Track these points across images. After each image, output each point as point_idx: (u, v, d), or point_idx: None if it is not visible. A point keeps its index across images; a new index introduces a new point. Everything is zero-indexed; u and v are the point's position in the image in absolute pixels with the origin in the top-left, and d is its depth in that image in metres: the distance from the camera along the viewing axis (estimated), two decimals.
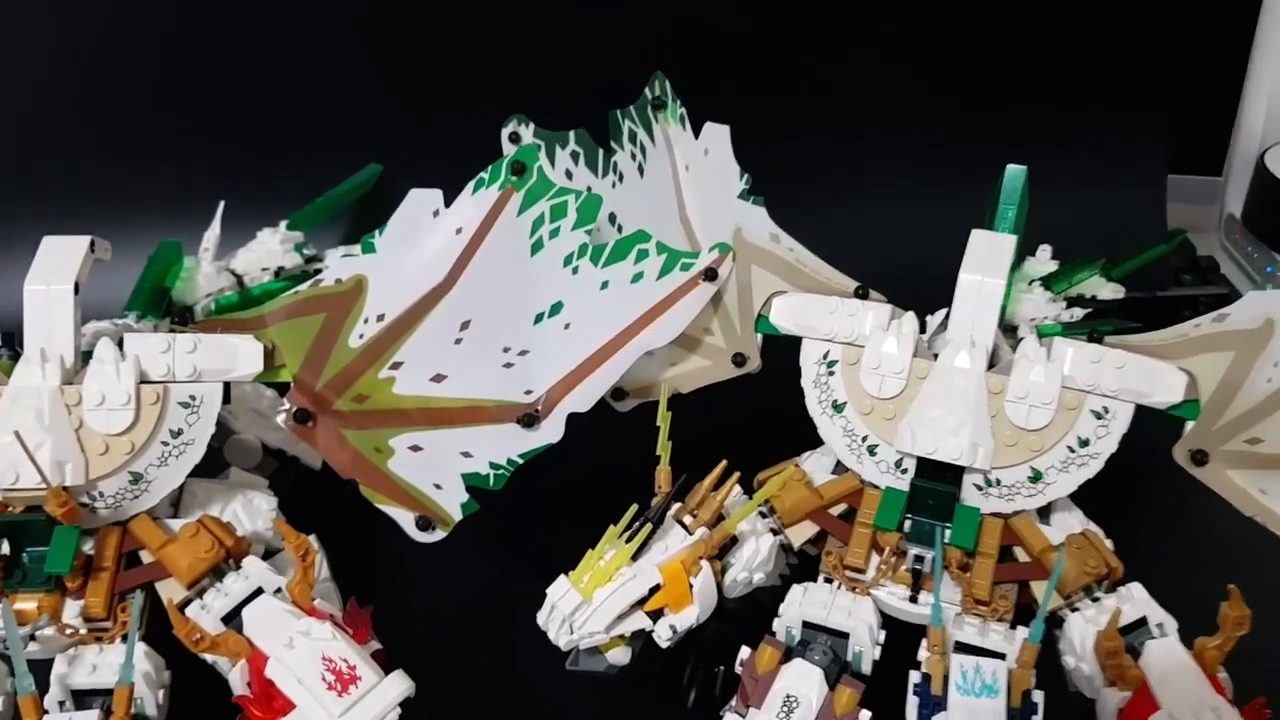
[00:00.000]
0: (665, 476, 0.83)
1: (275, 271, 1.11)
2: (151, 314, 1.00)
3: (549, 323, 0.88)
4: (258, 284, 1.11)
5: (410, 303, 0.86)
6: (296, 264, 1.12)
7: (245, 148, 1.35)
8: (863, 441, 0.84)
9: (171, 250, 1.04)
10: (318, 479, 1.02)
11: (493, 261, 0.88)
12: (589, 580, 0.78)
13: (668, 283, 0.89)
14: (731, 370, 0.91)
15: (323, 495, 0.98)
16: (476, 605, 0.98)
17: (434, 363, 0.86)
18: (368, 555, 0.94)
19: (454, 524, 0.84)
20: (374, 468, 0.83)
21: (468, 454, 0.85)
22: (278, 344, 0.83)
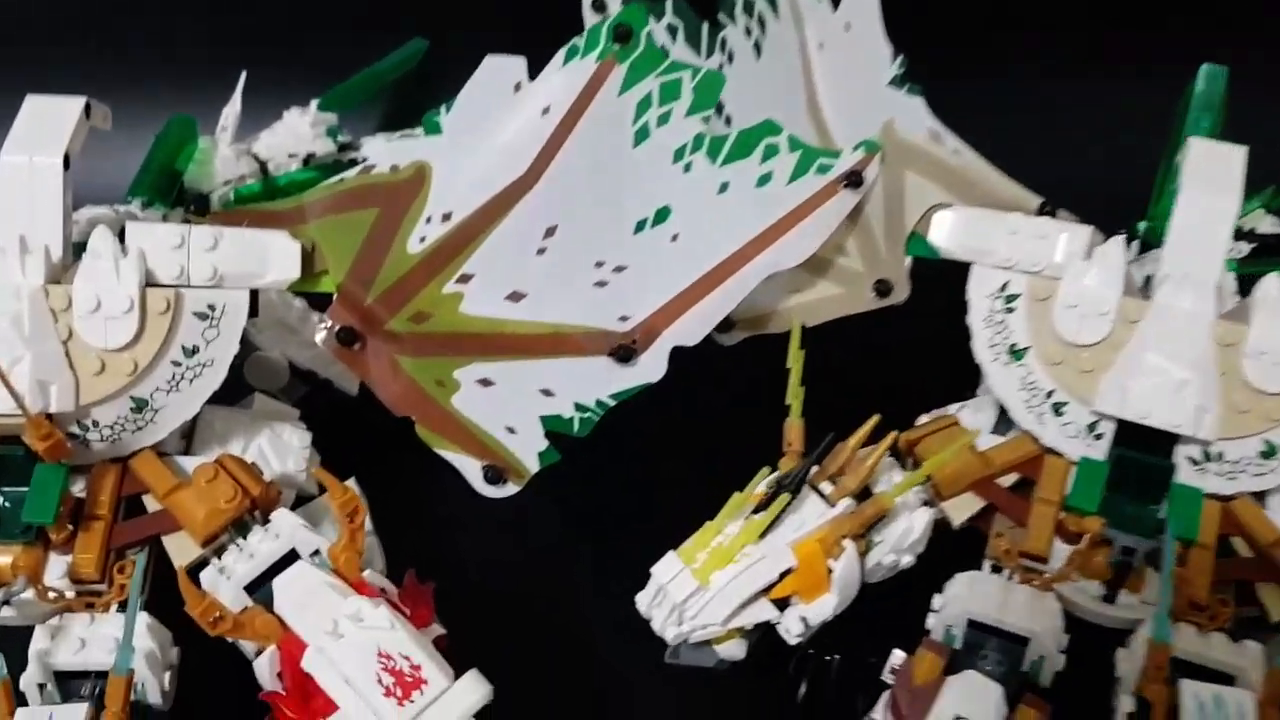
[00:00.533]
0: (797, 432, 0.67)
1: (304, 159, 0.95)
2: (160, 202, 0.83)
3: (652, 232, 0.71)
4: (283, 172, 0.95)
5: (483, 200, 0.68)
6: (328, 151, 0.96)
7: (273, 12, 1.15)
8: (1047, 397, 0.67)
9: (184, 127, 0.87)
10: (353, 406, 0.85)
11: (586, 152, 0.70)
12: (706, 560, 0.61)
13: (801, 188, 0.72)
14: (871, 301, 0.74)
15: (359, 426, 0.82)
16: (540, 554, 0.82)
17: (511, 277, 0.68)
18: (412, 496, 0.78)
19: (529, 477, 0.68)
20: (434, 404, 0.67)
21: (548, 392, 0.68)
22: (319, 244, 0.66)
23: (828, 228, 0.72)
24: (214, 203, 0.92)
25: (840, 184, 0.72)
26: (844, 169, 0.72)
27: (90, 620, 0.60)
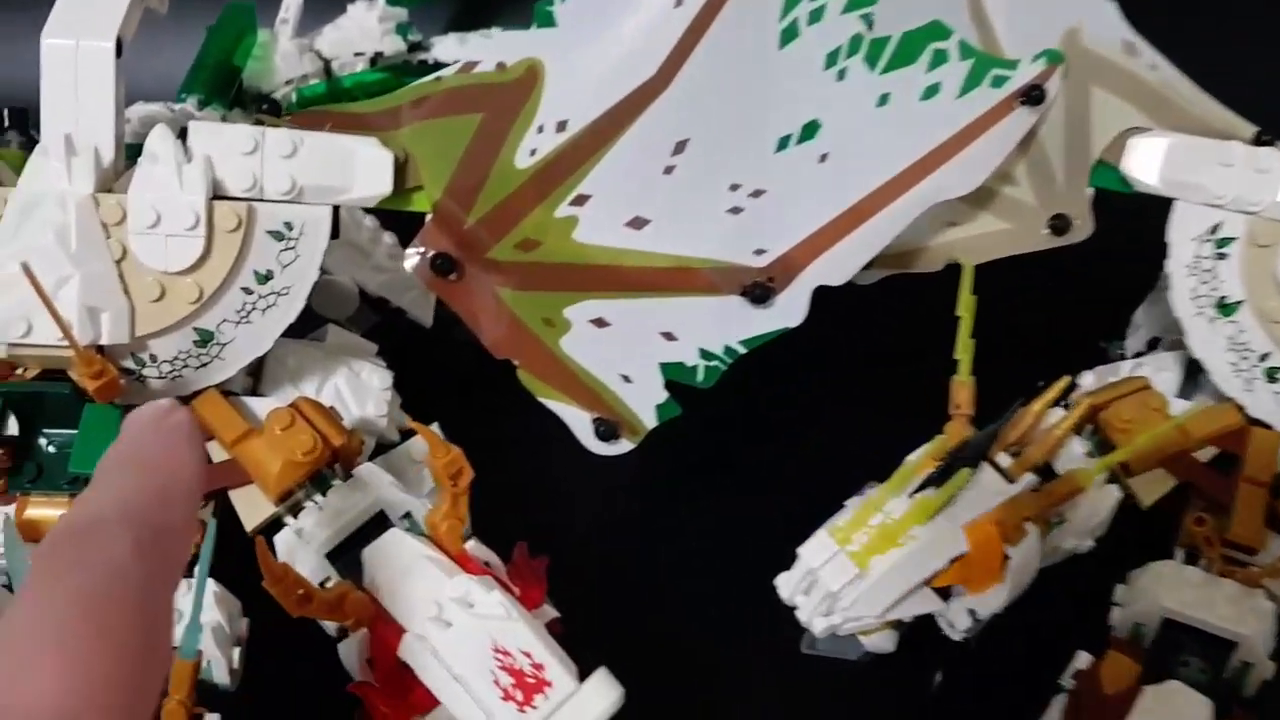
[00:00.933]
0: (967, 393, 0.57)
1: (371, 59, 0.85)
2: (217, 101, 0.73)
3: (797, 151, 0.60)
4: (349, 73, 0.85)
5: (605, 107, 0.58)
6: (397, 50, 0.86)
7: None
8: (1260, 360, 0.57)
9: (242, 17, 0.77)
10: (426, 338, 0.76)
11: (725, 52, 0.59)
12: (866, 542, 0.52)
13: (972, 103, 0.61)
14: (1043, 239, 0.64)
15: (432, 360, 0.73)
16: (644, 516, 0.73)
17: (633, 200, 0.58)
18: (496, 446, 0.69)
19: (645, 433, 0.59)
20: (541, 346, 0.57)
21: (670, 335, 0.59)
22: (412, 154, 0.56)
23: (1001, 151, 0.61)
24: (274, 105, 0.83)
25: (1017, 100, 0.61)
26: (1022, 82, 0.61)
27: None
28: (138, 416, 0.32)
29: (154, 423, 0.32)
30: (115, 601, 0.27)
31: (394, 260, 0.75)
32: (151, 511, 0.30)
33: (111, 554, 0.28)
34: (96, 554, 0.28)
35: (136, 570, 0.28)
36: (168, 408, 0.33)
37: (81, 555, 0.28)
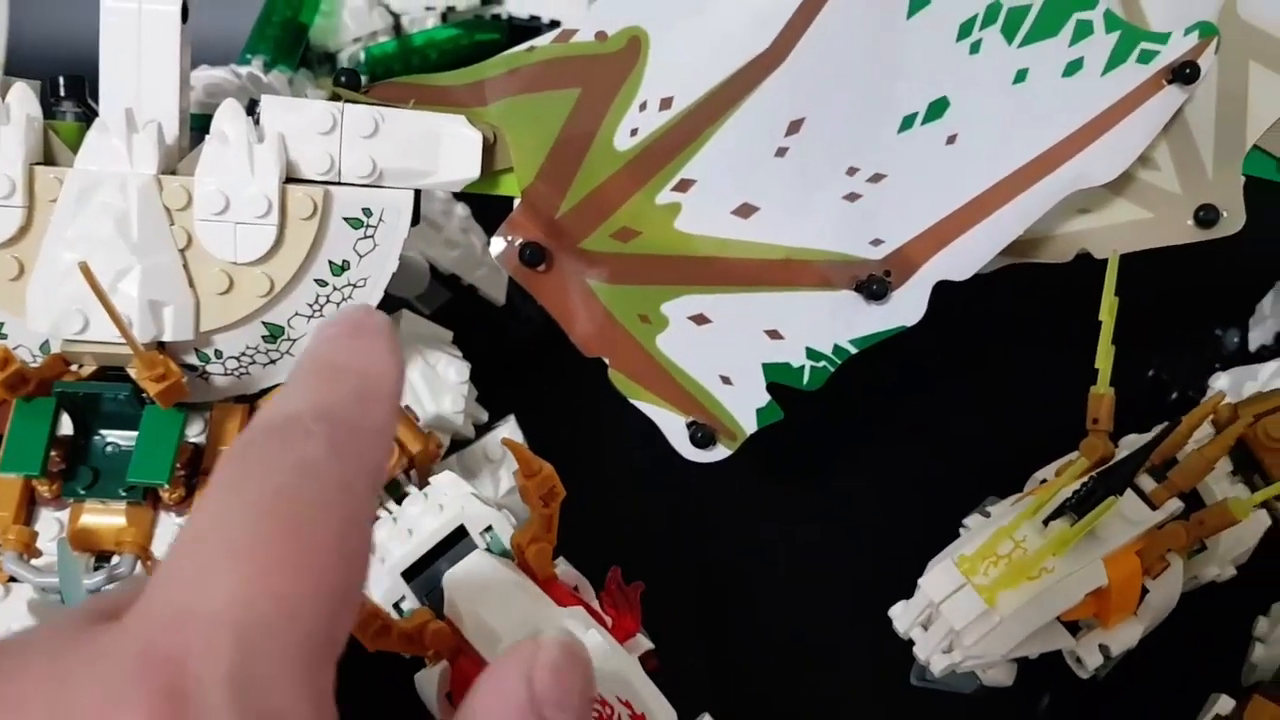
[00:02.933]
0: (1107, 407, 0.52)
1: (443, 13, 0.81)
2: (284, 62, 0.69)
3: (923, 131, 0.55)
4: (420, 29, 0.80)
5: (714, 82, 0.52)
6: (471, 5, 0.82)
7: None
8: None
9: None
10: (498, 318, 0.71)
11: (849, 21, 0.53)
12: (995, 576, 0.47)
13: (1118, 80, 0.55)
14: (1190, 231, 0.58)
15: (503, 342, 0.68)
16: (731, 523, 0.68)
17: (742, 185, 0.53)
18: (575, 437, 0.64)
19: (744, 439, 0.54)
20: (635, 344, 0.52)
21: (776, 334, 0.54)
22: (503, 133, 0.51)
23: (1148, 134, 0.55)
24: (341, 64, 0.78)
25: (1166, 77, 0.55)
26: (1173, 58, 0.55)
27: None
28: (331, 322, 0.30)
29: (349, 327, 0.29)
30: (307, 501, 0.24)
31: (466, 234, 0.70)
32: (347, 409, 0.27)
33: (304, 451, 0.25)
34: (287, 451, 0.25)
35: (331, 469, 0.25)
36: (363, 311, 0.30)
37: (271, 452, 0.25)
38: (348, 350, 0.28)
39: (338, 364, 0.28)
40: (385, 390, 0.28)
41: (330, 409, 0.27)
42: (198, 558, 0.24)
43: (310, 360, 0.28)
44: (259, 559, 0.23)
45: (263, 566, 0.23)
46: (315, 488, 0.25)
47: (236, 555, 0.23)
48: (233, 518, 0.24)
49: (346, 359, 0.28)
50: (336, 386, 0.27)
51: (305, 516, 0.24)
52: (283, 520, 0.24)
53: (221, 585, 0.23)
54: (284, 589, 0.23)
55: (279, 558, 0.23)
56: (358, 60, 0.77)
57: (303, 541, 0.24)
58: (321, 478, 0.25)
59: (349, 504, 0.25)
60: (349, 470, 0.26)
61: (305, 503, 0.24)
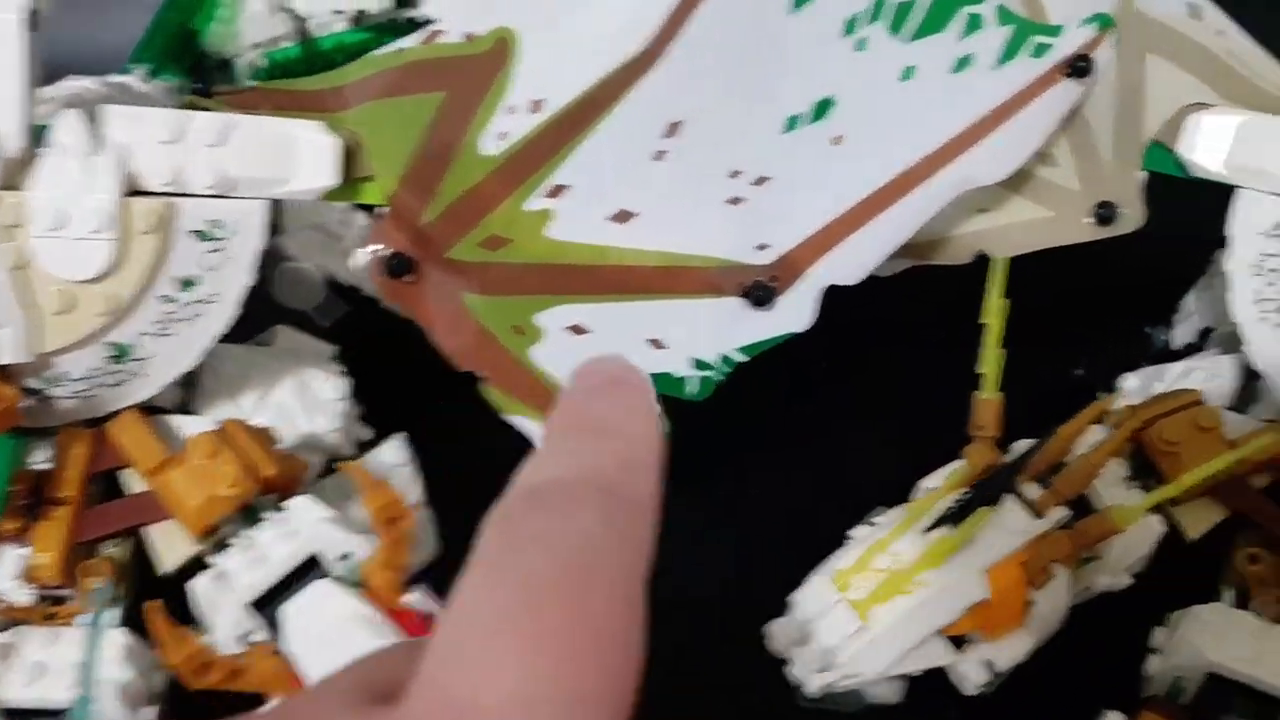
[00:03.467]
0: (992, 412, 0.50)
1: (354, 17, 0.78)
2: (169, 70, 0.66)
3: (809, 132, 0.53)
4: (328, 33, 0.78)
5: (587, 84, 0.50)
6: (384, 7, 0.79)
7: None
8: None
9: None
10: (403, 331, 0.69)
11: (727, 19, 0.52)
12: (870, 590, 0.46)
13: (1010, 75, 0.53)
14: (1086, 230, 0.56)
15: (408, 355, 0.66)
16: None
17: (618, 190, 0.51)
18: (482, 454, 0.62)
19: None
20: (509, 357, 0.51)
21: (658, 343, 0.52)
22: (364, 139, 0.49)
23: (1042, 132, 0.53)
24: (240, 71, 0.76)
25: (1062, 71, 0.53)
26: (1067, 51, 0.53)
27: (51, 637, 0.45)
28: (587, 373, 0.27)
29: (608, 382, 0.27)
30: (588, 576, 0.22)
31: None
32: (616, 477, 0.24)
33: (579, 522, 0.23)
34: (561, 521, 0.23)
35: (610, 544, 0.23)
36: (620, 364, 0.28)
37: (544, 524, 0.23)
38: (609, 407, 0.26)
39: (601, 424, 0.25)
40: (649, 459, 0.25)
41: (600, 475, 0.24)
42: (477, 642, 0.21)
43: (567, 417, 0.26)
44: (545, 648, 0.21)
45: (551, 657, 0.21)
46: (595, 562, 0.22)
47: (520, 642, 0.21)
48: (511, 598, 0.22)
49: (609, 418, 0.26)
50: (602, 449, 0.25)
51: (587, 593, 0.22)
52: (564, 598, 0.22)
53: (507, 677, 0.21)
54: (572, 684, 0.21)
55: (563, 639, 0.21)
56: (258, 67, 0.75)
57: (587, 621, 0.22)
58: (601, 554, 0.23)
59: (632, 585, 0.23)
60: (627, 546, 0.23)
61: (587, 577, 0.22)
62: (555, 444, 0.25)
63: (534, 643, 0.21)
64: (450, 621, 0.22)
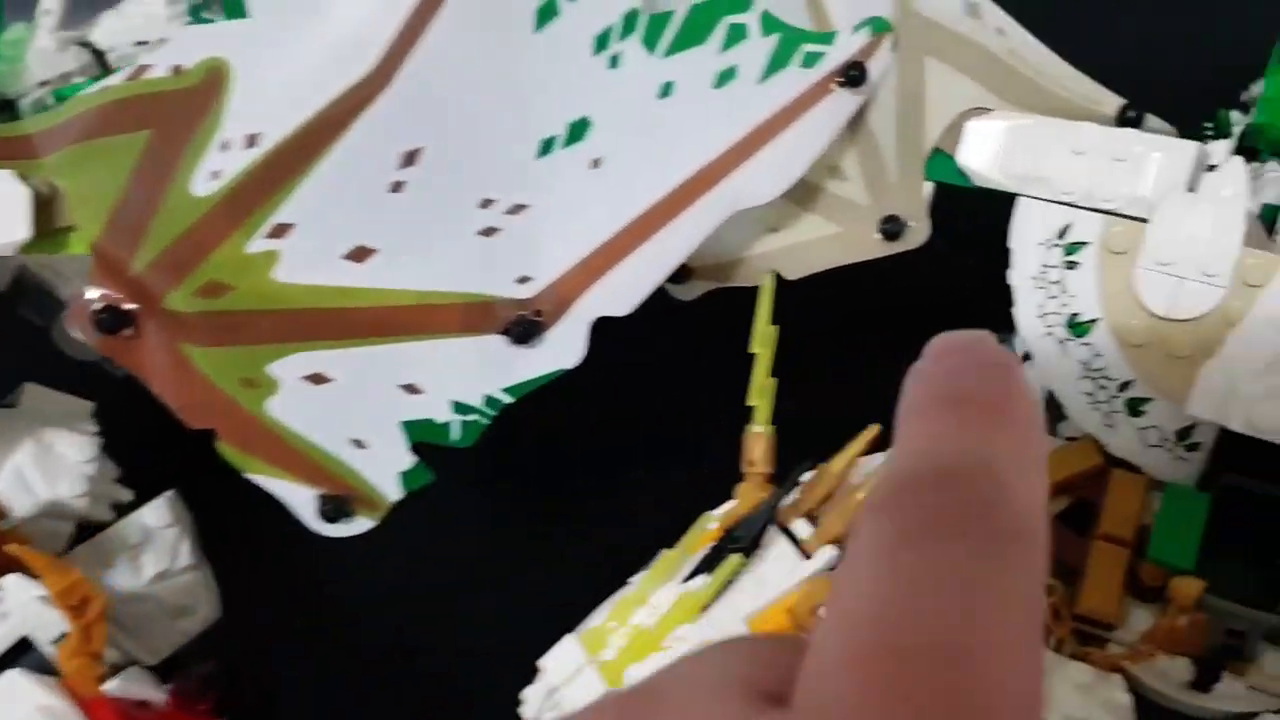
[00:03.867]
0: (763, 448, 0.47)
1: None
2: None
3: (565, 155, 0.50)
4: None
5: (307, 115, 0.47)
6: None
7: None
8: (1120, 390, 0.47)
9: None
10: None
11: (463, 38, 0.48)
12: (621, 649, 0.42)
13: (778, 87, 0.51)
14: (876, 245, 0.53)
15: None
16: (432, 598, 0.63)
17: (352, 226, 0.48)
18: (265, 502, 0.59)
19: (387, 507, 0.48)
20: (241, 412, 0.47)
21: (413, 388, 0.48)
22: (62, 187, 0.46)
23: (816, 146, 0.51)
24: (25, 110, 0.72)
25: (835, 80, 0.51)
26: (840, 59, 0.51)
27: None
28: (962, 344, 0.22)
29: (981, 354, 0.22)
30: (1002, 591, 0.19)
31: None
32: (1011, 482, 0.20)
33: (996, 523, 0.19)
34: (973, 522, 0.19)
35: (991, 579, 0.19)
36: (995, 343, 0.22)
37: (951, 518, 0.19)
38: (992, 385, 0.21)
39: (988, 402, 0.21)
40: (1043, 459, 0.21)
41: (1005, 471, 0.20)
42: (852, 673, 0.18)
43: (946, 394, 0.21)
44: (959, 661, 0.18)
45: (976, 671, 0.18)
46: (1010, 575, 0.19)
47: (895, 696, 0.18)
48: (906, 604, 0.18)
49: (995, 396, 0.21)
50: (1005, 439, 0.21)
51: (1005, 614, 0.19)
52: (969, 614, 0.18)
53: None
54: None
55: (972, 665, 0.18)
56: (44, 104, 0.71)
57: (1009, 649, 0.18)
58: (1010, 570, 0.19)
59: (1034, 638, 0.19)
60: (1031, 561, 0.19)
61: (1001, 594, 0.19)
62: (921, 424, 0.21)
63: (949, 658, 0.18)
64: (832, 629, 0.19)
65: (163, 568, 0.53)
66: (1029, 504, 0.20)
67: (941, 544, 0.19)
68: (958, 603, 0.18)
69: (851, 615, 0.19)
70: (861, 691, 0.18)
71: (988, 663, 0.18)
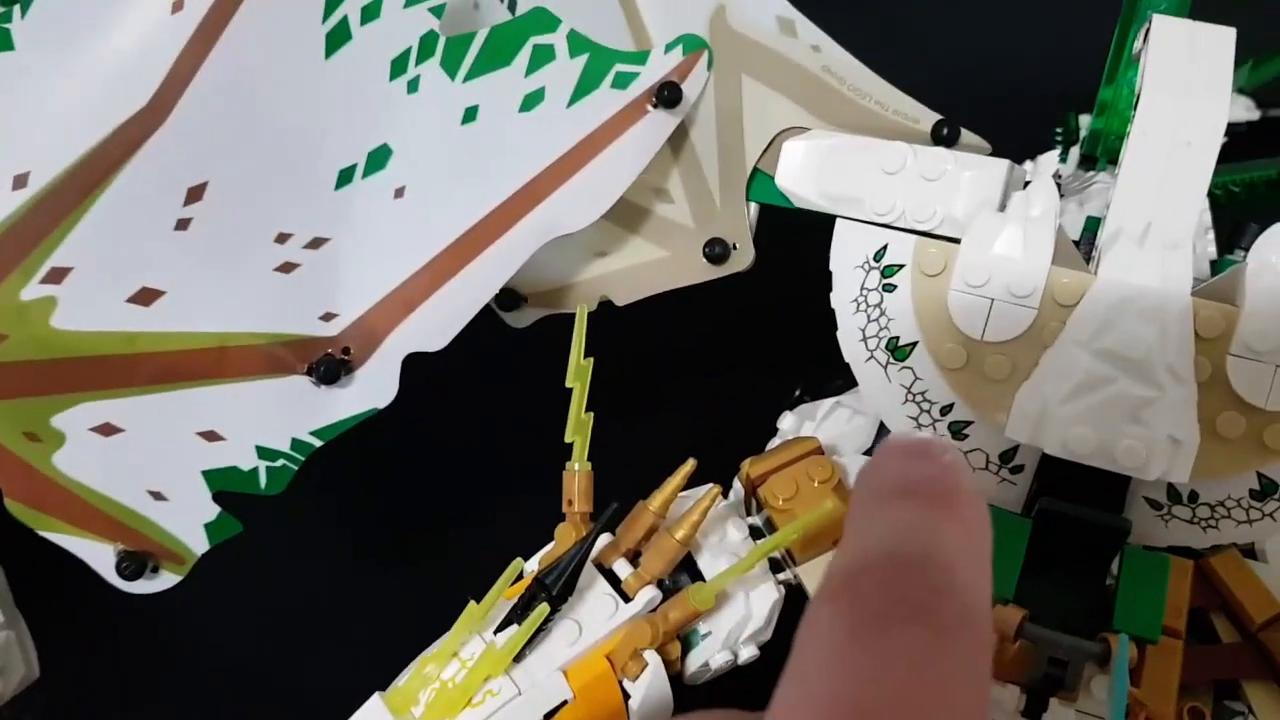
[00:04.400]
0: (583, 485, 0.45)
1: None
2: None
3: (366, 185, 0.48)
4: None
5: (81, 150, 0.44)
6: None
7: None
8: (942, 414, 0.46)
9: None
10: None
11: (248, 65, 0.46)
12: (429, 706, 0.40)
13: (589, 110, 0.49)
14: (703, 269, 0.52)
15: None
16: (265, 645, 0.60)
17: (134, 267, 0.45)
18: None
19: (194, 561, 0.46)
20: (26, 467, 0.44)
21: (214, 434, 0.46)
22: None
23: (631, 169, 0.49)
24: None
25: (649, 101, 0.49)
26: (653, 79, 0.49)
27: None
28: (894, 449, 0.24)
29: (926, 452, 0.24)
30: (946, 685, 0.19)
31: None
32: (959, 569, 0.21)
33: (940, 617, 0.20)
34: (920, 612, 0.20)
35: (942, 664, 0.20)
36: (938, 443, 0.24)
37: (899, 608, 0.20)
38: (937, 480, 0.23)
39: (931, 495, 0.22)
40: (988, 550, 0.22)
41: (935, 570, 0.21)
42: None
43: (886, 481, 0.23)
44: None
45: None
46: (961, 656, 0.20)
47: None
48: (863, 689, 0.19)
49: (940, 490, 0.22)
50: (935, 531, 0.22)
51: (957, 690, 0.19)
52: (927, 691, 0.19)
53: None
54: None
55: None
56: None
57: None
58: (959, 655, 0.20)
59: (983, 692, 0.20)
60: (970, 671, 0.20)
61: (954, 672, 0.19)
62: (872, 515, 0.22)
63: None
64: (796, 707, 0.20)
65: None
66: (975, 590, 0.21)
67: (900, 628, 0.20)
68: (916, 681, 0.19)
69: (818, 696, 0.20)
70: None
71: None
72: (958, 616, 0.20)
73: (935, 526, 0.22)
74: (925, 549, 0.21)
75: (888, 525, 0.22)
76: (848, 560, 0.22)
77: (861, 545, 0.22)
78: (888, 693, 0.19)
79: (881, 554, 0.21)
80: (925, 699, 0.19)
